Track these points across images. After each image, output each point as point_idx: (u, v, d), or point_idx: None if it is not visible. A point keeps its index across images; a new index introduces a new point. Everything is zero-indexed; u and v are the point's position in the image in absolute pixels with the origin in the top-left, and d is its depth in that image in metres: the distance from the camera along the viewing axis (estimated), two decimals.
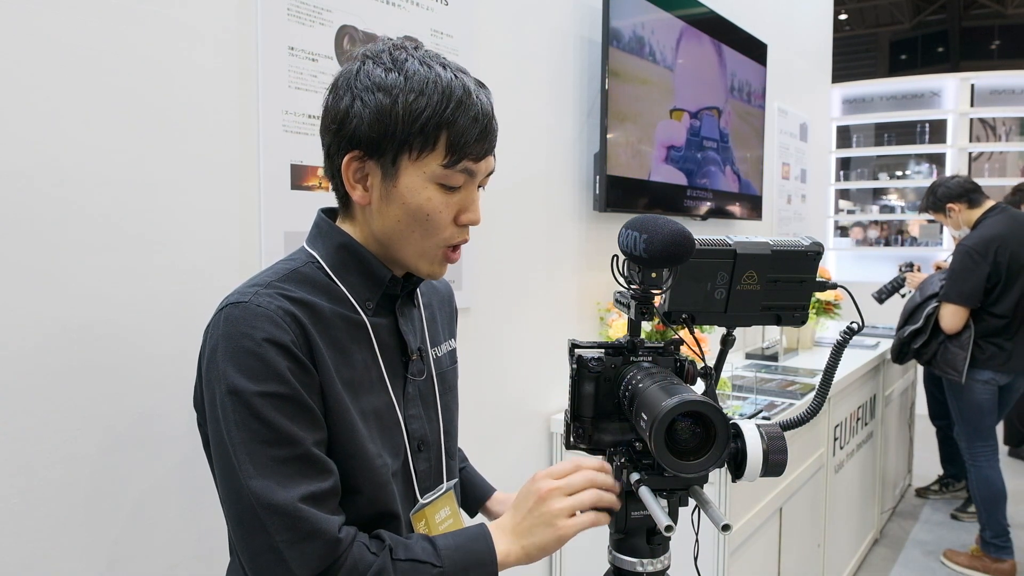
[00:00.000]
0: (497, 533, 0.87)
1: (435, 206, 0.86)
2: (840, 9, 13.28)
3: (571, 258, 2.24)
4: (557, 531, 0.84)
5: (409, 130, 0.82)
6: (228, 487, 0.80)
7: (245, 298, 0.82)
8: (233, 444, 0.78)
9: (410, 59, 0.85)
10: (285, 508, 0.77)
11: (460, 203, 0.88)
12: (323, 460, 0.82)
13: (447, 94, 0.83)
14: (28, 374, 1.02)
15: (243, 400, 0.78)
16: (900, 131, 6.74)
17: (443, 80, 0.84)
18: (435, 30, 1.67)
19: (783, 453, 0.82)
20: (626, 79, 2.26)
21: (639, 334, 0.93)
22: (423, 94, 0.82)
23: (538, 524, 0.85)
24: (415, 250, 0.89)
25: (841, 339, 0.92)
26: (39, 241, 1.03)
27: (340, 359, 0.86)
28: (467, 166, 0.86)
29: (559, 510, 0.85)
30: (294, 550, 0.77)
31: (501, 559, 0.85)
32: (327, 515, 0.80)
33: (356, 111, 0.84)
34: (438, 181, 0.85)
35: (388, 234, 0.88)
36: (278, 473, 0.78)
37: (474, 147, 0.85)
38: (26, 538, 1.03)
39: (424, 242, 0.88)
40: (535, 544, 0.85)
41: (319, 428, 0.83)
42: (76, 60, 1.06)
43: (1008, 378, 3.09)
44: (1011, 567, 3.06)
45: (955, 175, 3.30)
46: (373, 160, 0.85)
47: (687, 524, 0.87)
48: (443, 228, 0.88)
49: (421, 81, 0.83)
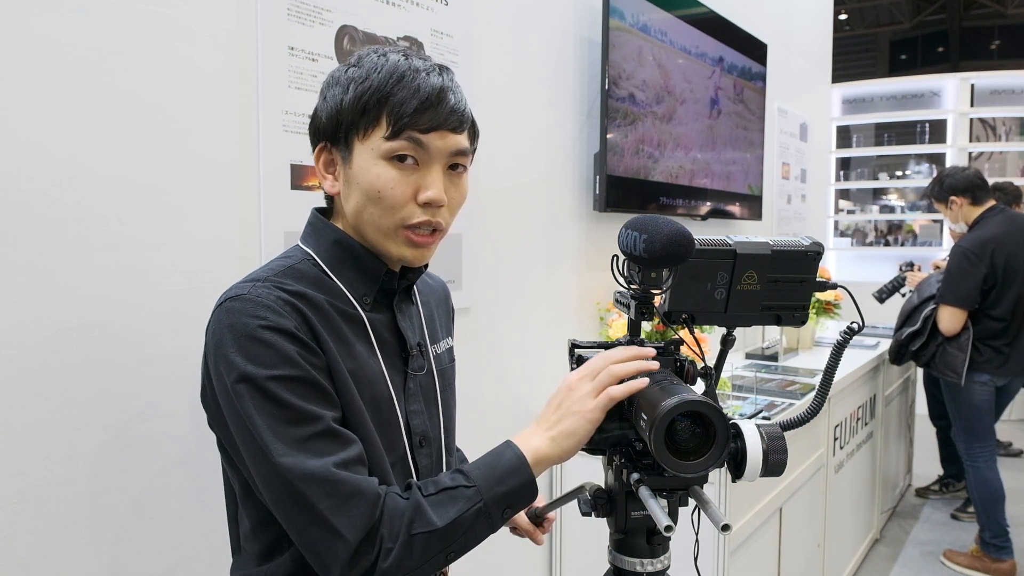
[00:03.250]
0: (523, 438, 0.86)
1: (384, 182, 0.86)
2: (840, 9, 13.28)
3: (571, 258, 2.24)
4: (584, 412, 0.83)
5: (355, 110, 0.86)
6: (262, 472, 0.80)
7: (243, 291, 0.83)
8: (256, 429, 0.79)
9: (376, 54, 0.88)
10: (322, 475, 0.77)
11: (418, 181, 0.87)
12: (345, 433, 0.83)
13: (390, 72, 0.86)
14: (29, 374, 1.02)
15: (257, 386, 0.79)
16: (900, 131, 6.74)
17: (390, 63, 0.86)
18: (435, 30, 1.67)
19: (783, 453, 0.82)
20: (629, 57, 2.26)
21: (639, 334, 0.93)
22: (368, 78, 0.86)
23: (566, 413, 0.85)
24: (377, 230, 0.89)
25: (841, 339, 0.92)
26: (39, 241, 1.03)
27: (342, 349, 0.87)
28: (413, 135, 0.85)
29: (584, 394, 0.84)
30: (340, 515, 0.77)
31: (532, 458, 0.84)
32: (363, 476, 0.80)
33: (319, 107, 0.91)
34: (385, 156, 0.86)
35: (355, 219, 0.90)
36: (306, 448, 0.79)
37: (416, 117, 0.85)
38: (26, 538, 1.03)
39: (382, 220, 0.88)
40: (564, 431, 0.84)
41: (335, 406, 0.83)
42: (76, 60, 1.06)
43: (1005, 380, 3.09)
44: (1011, 567, 3.06)
45: (966, 167, 3.26)
46: (336, 149, 0.89)
47: (687, 524, 0.87)
48: (399, 206, 0.87)
49: (370, 68, 0.86)
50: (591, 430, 0.84)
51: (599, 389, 0.84)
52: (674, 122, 2.55)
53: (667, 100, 2.51)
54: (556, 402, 0.87)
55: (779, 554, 2.27)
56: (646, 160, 2.40)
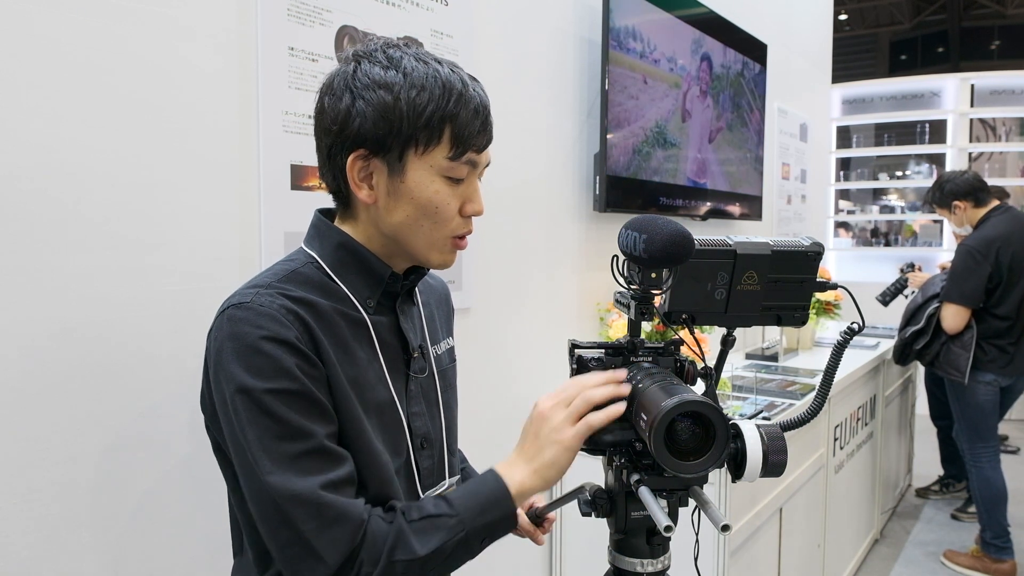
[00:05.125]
0: (506, 468, 0.87)
1: (443, 198, 0.88)
2: (840, 9, 13.28)
3: (571, 258, 2.24)
4: (564, 441, 0.84)
5: (414, 125, 0.84)
6: (249, 486, 0.81)
7: (246, 299, 0.82)
8: (248, 442, 0.79)
9: (405, 56, 0.87)
10: (307, 497, 0.78)
11: (464, 194, 0.90)
12: (338, 451, 0.83)
13: (447, 88, 0.85)
14: (29, 374, 1.02)
15: (253, 398, 0.79)
16: (900, 131, 6.74)
17: (441, 75, 0.85)
18: (435, 30, 1.67)
19: (783, 453, 0.82)
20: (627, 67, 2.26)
21: (639, 334, 0.93)
22: (424, 89, 0.84)
23: (545, 443, 0.85)
24: (426, 242, 0.90)
25: (842, 339, 0.92)
26: (39, 242, 1.03)
27: (343, 356, 0.87)
28: (471, 157, 0.88)
29: (560, 422, 0.84)
30: (322, 538, 0.78)
31: (516, 491, 0.85)
32: (349, 499, 0.80)
33: (359, 110, 0.84)
34: (444, 174, 0.87)
35: (397, 230, 0.89)
36: (295, 466, 0.79)
37: (477, 139, 0.87)
38: (27, 538, 1.03)
39: (434, 234, 0.89)
40: (545, 462, 0.85)
41: (330, 421, 0.83)
42: (75, 60, 1.06)
43: (1010, 380, 3.08)
44: (1011, 567, 3.06)
45: (964, 171, 3.25)
46: (378, 158, 0.86)
47: (687, 524, 0.87)
48: (451, 219, 0.89)
49: (421, 77, 0.84)
50: (572, 458, 0.85)
51: (575, 416, 0.84)
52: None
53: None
54: (533, 431, 0.87)
55: (779, 554, 2.26)
56: (647, 160, 2.40)
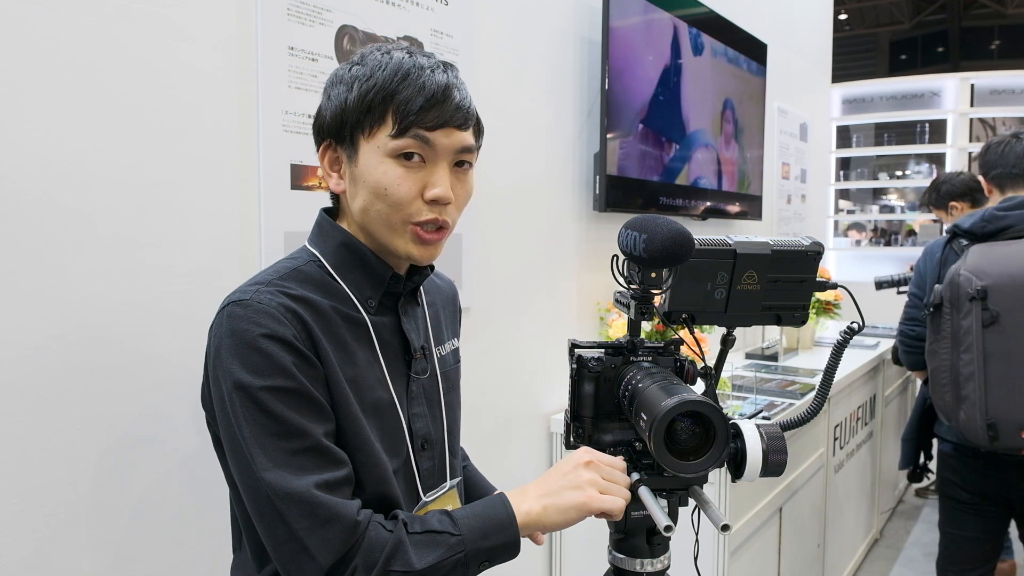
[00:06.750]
0: (517, 496, 0.86)
1: (391, 179, 0.86)
2: (840, 9, 13.28)
3: (571, 258, 2.24)
4: (585, 497, 0.83)
5: (359, 108, 0.86)
6: (245, 482, 0.81)
7: (246, 296, 0.83)
8: (244, 439, 0.79)
9: (377, 53, 0.88)
10: (301, 495, 0.78)
11: (424, 178, 0.87)
12: (335, 450, 0.82)
13: (395, 70, 0.86)
14: (30, 374, 1.02)
15: (250, 395, 0.79)
16: (900, 131, 6.74)
17: (395, 61, 0.86)
18: (435, 30, 1.67)
19: (783, 453, 0.82)
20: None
21: (639, 334, 0.93)
22: (372, 76, 0.86)
23: (569, 487, 0.84)
24: (384, 226, 0.88)
25: (841, 339, 0.92)
26: (39, 242, 1.03)
27: (342, 356, 0.87)
28: (419, 133, 0.85)
29: (592, 479, 0.84)
30: (315, 537, 0.78)
31: (521, 520, 0.84)
32: (344, 500, 0.80)
33: (323, 105, 0.90)
34: (392, 154, 0.86)
35: (362, 217, 0.89)
36: (291, 464, 0.79)
37: (422, 115, 0.85)
38: (27, 538, 1.03)
39: (391, 217, 0.87)
40: (558, 505, 0.84)
41: (328, 420, 0.83)
42: (75, 60, 1.06)
43: None
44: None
45: (960, 172, 3.27)
46: (341, 147, 0.89)
47: (687, 524, 0.87)
48: (406, 203, 0.86)
49: (375, 66, 0.86)
50: (579, 518, 0.84)
51: (605, 487, 0.84)
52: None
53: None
54: (563, 471, 0.86)
55: (779, 554, 2.26)
56: (646, 160, 2.40)
